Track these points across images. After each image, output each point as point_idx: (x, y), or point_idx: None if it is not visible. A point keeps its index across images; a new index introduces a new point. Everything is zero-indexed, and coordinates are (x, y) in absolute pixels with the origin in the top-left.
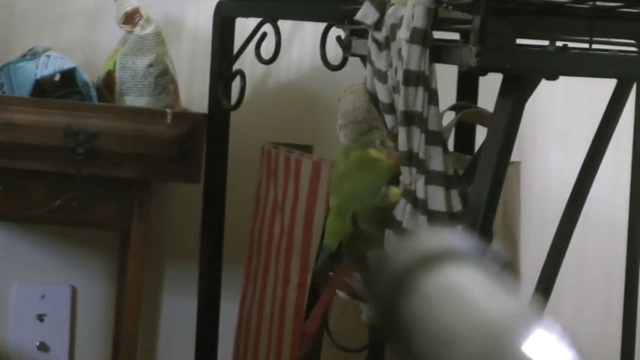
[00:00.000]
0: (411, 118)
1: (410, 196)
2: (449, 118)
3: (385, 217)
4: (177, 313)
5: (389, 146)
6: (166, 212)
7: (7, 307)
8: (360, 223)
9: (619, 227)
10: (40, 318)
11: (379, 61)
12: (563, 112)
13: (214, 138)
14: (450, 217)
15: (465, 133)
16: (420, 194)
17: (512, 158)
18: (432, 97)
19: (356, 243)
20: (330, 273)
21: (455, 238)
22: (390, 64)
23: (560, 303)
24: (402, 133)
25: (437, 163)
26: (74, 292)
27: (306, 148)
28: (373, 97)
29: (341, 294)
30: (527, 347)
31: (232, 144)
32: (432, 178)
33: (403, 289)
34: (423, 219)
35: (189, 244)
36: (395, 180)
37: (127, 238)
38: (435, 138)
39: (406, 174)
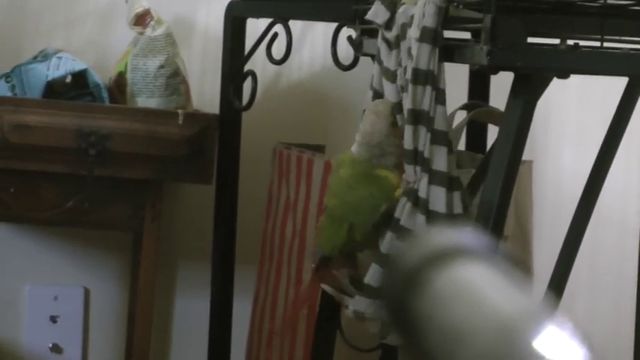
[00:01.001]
0: (418, 117)
1: (411, 194)
2: (460, 117)
3: (384, 224)
4: (189, 314)
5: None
6: (178, 213)
7: (21, 308)
8: (356, 235)
9: (631, 225)
10: (53, 319)
11: (388, 60)
12: (575, 110)
13: (226, 139)
14: (448, 219)
15: (476, 132)
16: (422, 193)
17: (525, 157)
18: (440, 97)
19: (349, 244)
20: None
21: (466, 235)
22: (400, 64)
23: (572, 300)
24: (408, 131)
25: (441, 163)
26: (87, 293)
27: (318, 148)
28: (379, 97)
29: (327, 288)
30: (539, 344)
31: (244, 144)
32: (434, 177)
33: (414, 287)
34: (421, 218)
35: (201, 245)
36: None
37: (139, 239)
38: (441, 138)
39: (410, 172)
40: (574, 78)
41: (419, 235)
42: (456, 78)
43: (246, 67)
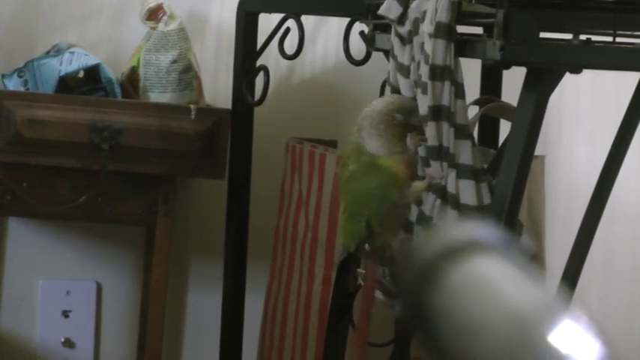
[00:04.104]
0: (439, 113)
1: (438, 191)
2: (473, 112)
3: (401, 214)
4: (202, 308)
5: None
6: (191, 208)
7: (33, 303)
8: (374, 227)
9: None
10: (65, 314)
11: (402, 55)
12: (587, 105)
13: (238, 133)
14: (479, 211)
15: (488, 127)
16: (451, 189)
17: (537, 152)
18: (459, 91)
19: (373, 240)
20: (359, 271)
21: (481, 229)
22: (413, 59)
23: (585, 296)
24: (431, 127)
25: (466, 156)
26: (99, 288)
27: (331, 144)
28: (396, 92)
29: (378, 294)
30: (554, 338)
31: (256, 139)
32: (462, 171)
33: (430, 281)
34: (453, 213)
35: (214, 240)
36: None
37: (151, 234)
38: (464, 131)
39: (436, 169)
40: (587, 73)
41: (434, 229)
42: (469, 73)
43: (259, 62)
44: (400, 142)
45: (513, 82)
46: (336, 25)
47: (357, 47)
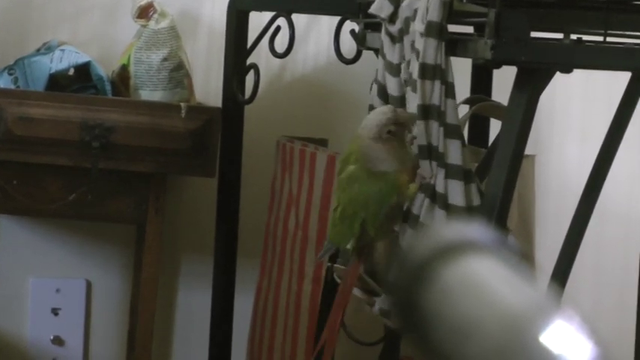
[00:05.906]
0: (428, 112)
1: (427, 190)
2: (463, 111)
3: (396, 217)
4: (192, 306)
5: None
6: (181, 206)
7: (23, 301)
8: (369, 229)
9: (636, 219)
10: (55, 312)
11: (391, 54)
12: (579, 104)
13: (229, 132)
14: (467, 212)
15: (479, 126)
16: (440, 188)
17: (528, 151)
18: (449, 90)
19: (362, 240)
20: (337, 266)
21: (474, 229)
22: (403, 57)
23: (576, 295)
24: (420, 126)
25: (456, 156)
26: (89, 286)
27: (321, 142)
28: (383, 90)
29: (356, 291)
30: (547, 338)
31: (247, 138)
32: (451, 171)
33: (422, 281)
34: (440, 213)
35: (204, 238)
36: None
37: (142, 232)
38: (454, 131)
39: (426, 168)
40: (578, 72)
41: (428, 229)
42: (459, 72)
43: (249, 61)
44: (401, 150)
45: (504, 81)
46: (327, 23)
47: (348, 46)
